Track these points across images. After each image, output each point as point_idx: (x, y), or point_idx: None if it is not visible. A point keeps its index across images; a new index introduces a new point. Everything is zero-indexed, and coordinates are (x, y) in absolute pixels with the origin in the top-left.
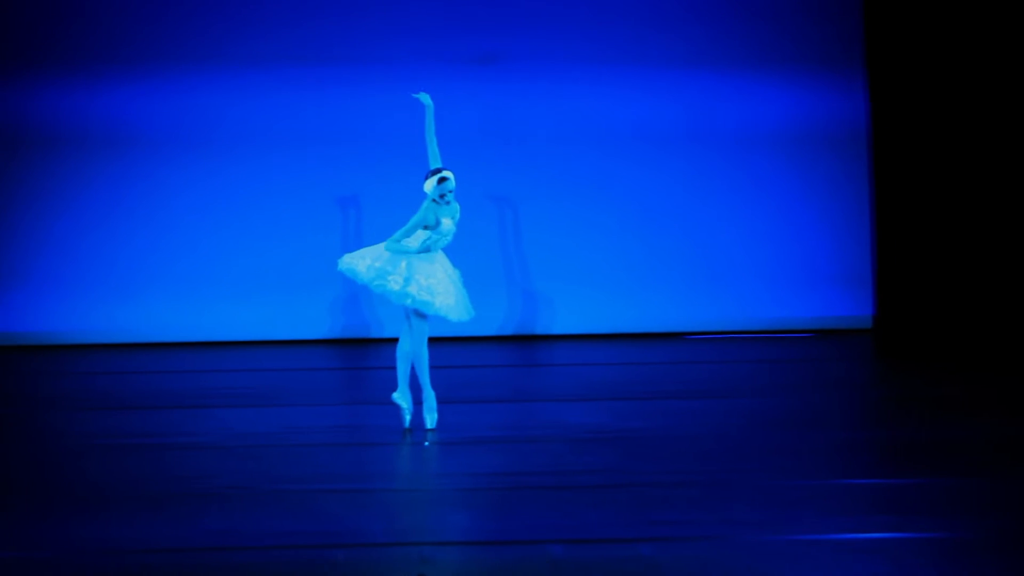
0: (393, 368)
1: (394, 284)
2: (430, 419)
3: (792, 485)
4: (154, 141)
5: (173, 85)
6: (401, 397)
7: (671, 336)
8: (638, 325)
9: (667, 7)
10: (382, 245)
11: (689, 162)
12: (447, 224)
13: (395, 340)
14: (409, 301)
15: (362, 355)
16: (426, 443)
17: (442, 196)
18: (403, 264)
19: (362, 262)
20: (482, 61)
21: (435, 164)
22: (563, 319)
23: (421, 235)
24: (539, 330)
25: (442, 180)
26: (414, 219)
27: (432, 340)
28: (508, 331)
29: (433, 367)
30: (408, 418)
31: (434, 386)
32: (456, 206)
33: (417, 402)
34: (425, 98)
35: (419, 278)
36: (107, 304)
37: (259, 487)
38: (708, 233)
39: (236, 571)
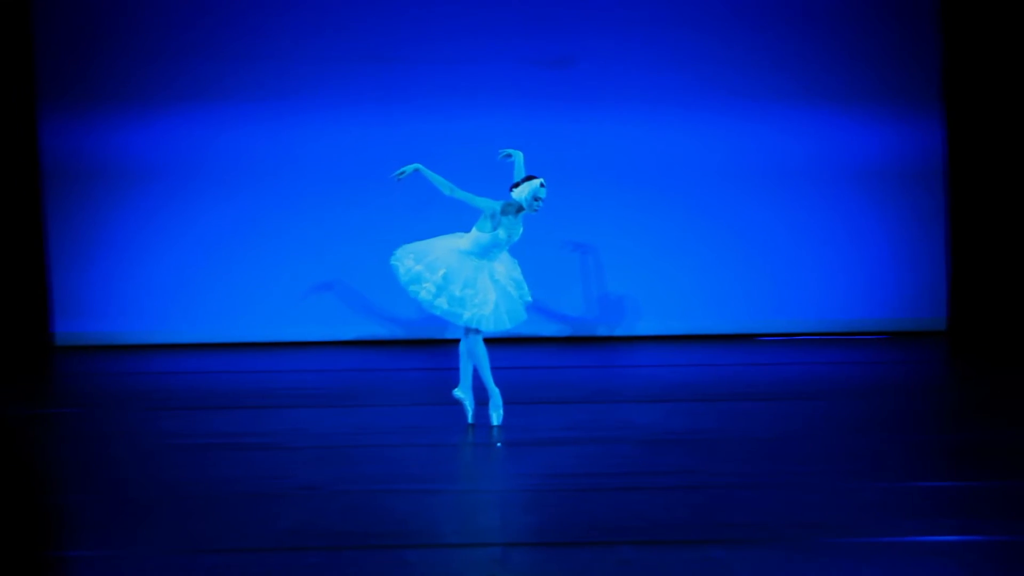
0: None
1: (426, 293)
2: (496, 416)
3: (864, 487)
4: (216, 164)
5: (231, 118)
6: (462, 392)
7: (744, 338)
8: (710, 327)
9: (748, 42)
10: (434, 241)
11: (766, 179)
12: (501, 235)
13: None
14: (438, 311)
15: (432, 356)
16: (498, 444)
17: (536, 199)
18: (441, 272)
19: (408, 260)
20: (555, 65)
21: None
22: (635, 321)
23: (474, 237)
24: (610, 332)
25: (542, 185)
26: (482, 199)
27: (503, 341)
28: (579, 333)
29: (504, 368)
30: (470, 413)
31: (505, 387)
32: (521, 228)
33: (482, 402)
34: (515, 153)
35: (453, 288)
36: (180, 304)
37: (331, 487)
38: (782, 238)
39: (308, 571)
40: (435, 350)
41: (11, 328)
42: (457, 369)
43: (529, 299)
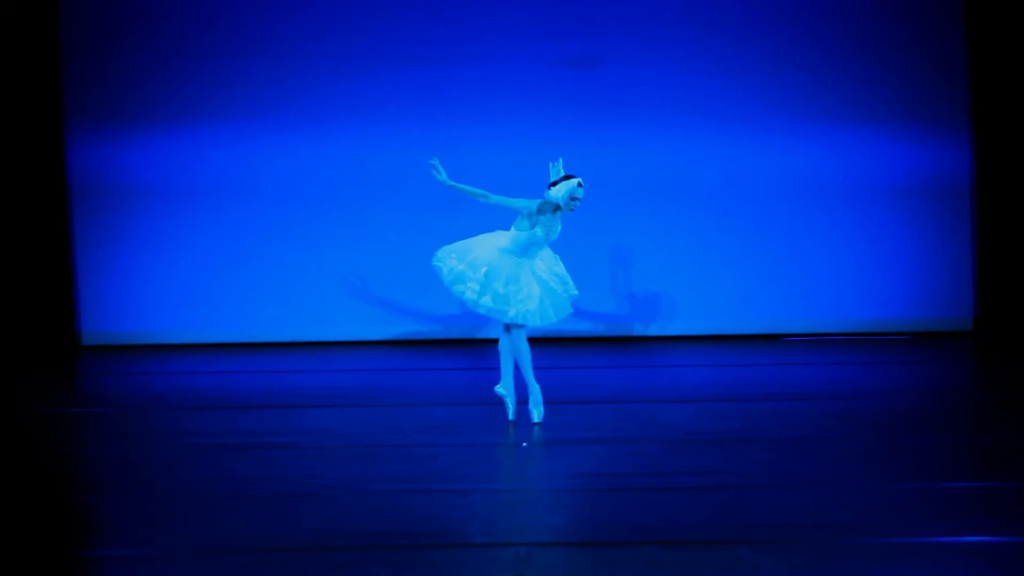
0: (490, 367)
1: (470, 292)
2: (536, 413)
3: (890, 488)
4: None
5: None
6: (504, 389)
7: (769, 338)
8: (736, 327)
9: (778, 56)
10: (474, 240)
11: (793, 184)
12: (539, 233)
13: (491, 341)
14: (483, 310)
15: (457, 356)
16: (524, 444)
17: (573, 199)
18: (483, 270)
19: (450, 260)
20: (578, 64)
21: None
22: (661, 321)
23: (513, 235)
24: (637, 332)
25: (580, 185)
26: (518, 200)
27: (531, 341)
28: (606, 333)
29: (533, 367)
30: (512, 409)
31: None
32: (560, 227)
33: (522, 401)
34: (557, 165)
35: (496, 286)
36: (205, 304)
37: (357, 487)
38: (806, 238)
39: (335, 570)
40: (460, 350)
41: (38, 328)
42: (498, 368)
43: (575, 292)
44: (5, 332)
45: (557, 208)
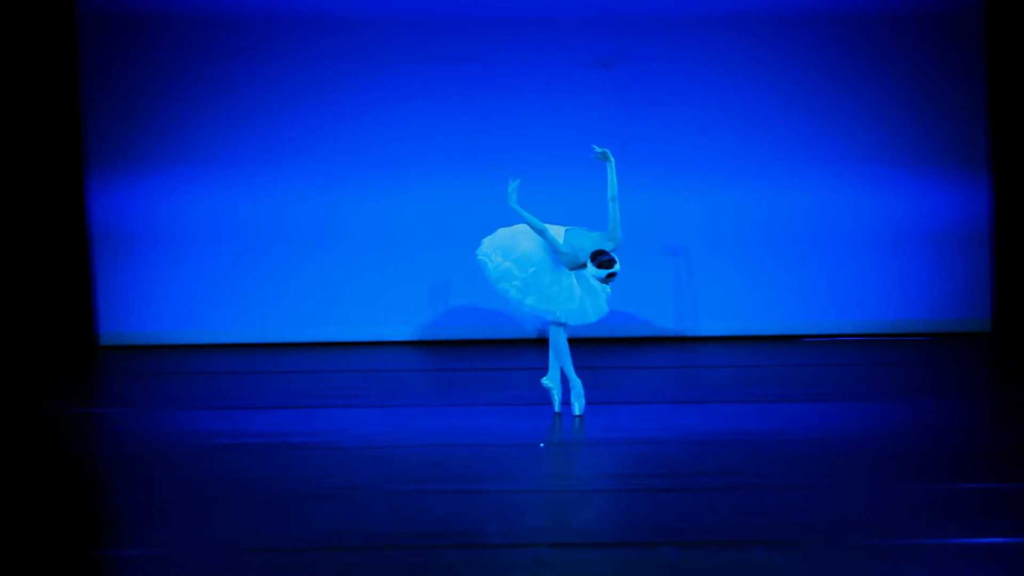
0: (505, 368)
1: (515, 291)
2: (578, 405)
3: (908, 489)
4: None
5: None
6: (550, 381)
7: (788, 339)
8: (755, 328)
9: (793, 99)
10: (517, 233)
11: (809, 184)
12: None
13: (508, 342)
14: (528, 308)
15: (473, 356)
16: (541, 444)
17: (600, 280)
18: (531, 270)
19: (496, 256)
20: (598, 65)
21: (615, 233)
22: (680, 322)
23: (552, 241)
24: (656, 333)
25: (611, 276)
26: (565, 252)
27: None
28: (624, 334)
29: (544, 370)
30: (557, 402)
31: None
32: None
33: (565, 402)
34: (609, 164)
35: (541, 285)
36: (223, 305)
37: (373, 487)
38: (826, 237)
39: (350, 571)
40: (475, 350)
41: (57, 328)
42: (512, 369)
43: (608, 290)
44: (25, 332)
45: (583, 266)
